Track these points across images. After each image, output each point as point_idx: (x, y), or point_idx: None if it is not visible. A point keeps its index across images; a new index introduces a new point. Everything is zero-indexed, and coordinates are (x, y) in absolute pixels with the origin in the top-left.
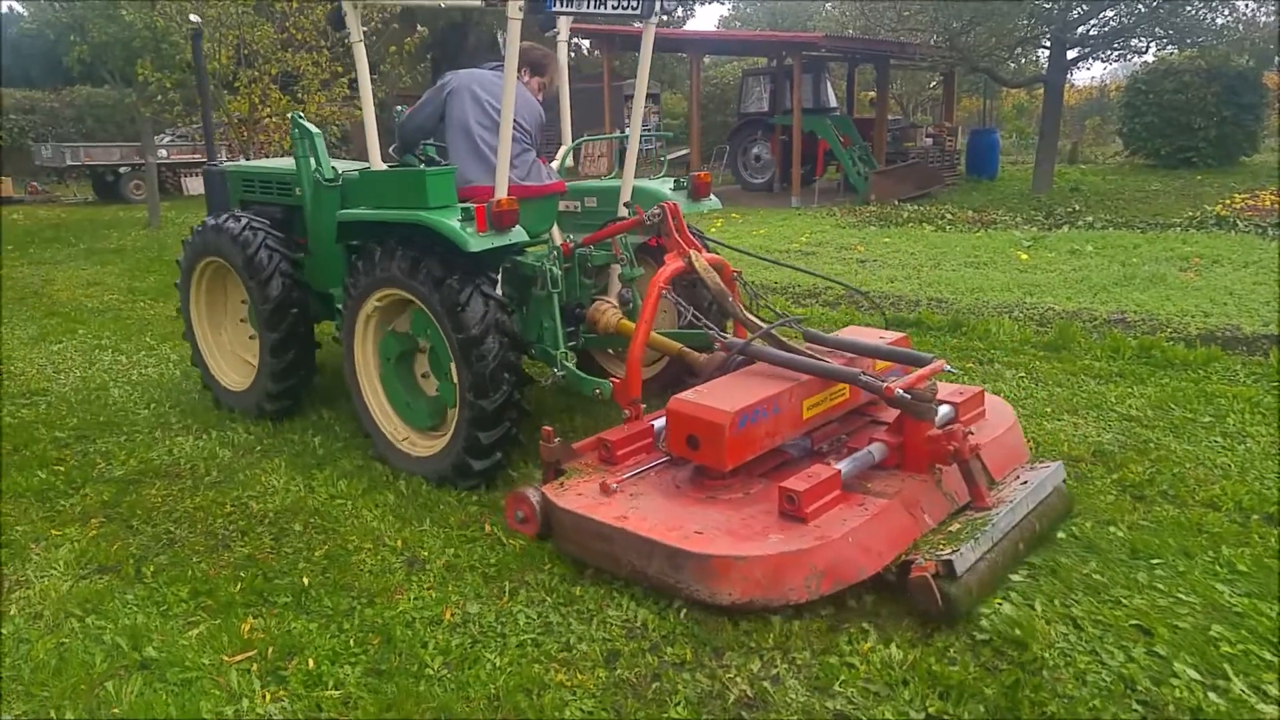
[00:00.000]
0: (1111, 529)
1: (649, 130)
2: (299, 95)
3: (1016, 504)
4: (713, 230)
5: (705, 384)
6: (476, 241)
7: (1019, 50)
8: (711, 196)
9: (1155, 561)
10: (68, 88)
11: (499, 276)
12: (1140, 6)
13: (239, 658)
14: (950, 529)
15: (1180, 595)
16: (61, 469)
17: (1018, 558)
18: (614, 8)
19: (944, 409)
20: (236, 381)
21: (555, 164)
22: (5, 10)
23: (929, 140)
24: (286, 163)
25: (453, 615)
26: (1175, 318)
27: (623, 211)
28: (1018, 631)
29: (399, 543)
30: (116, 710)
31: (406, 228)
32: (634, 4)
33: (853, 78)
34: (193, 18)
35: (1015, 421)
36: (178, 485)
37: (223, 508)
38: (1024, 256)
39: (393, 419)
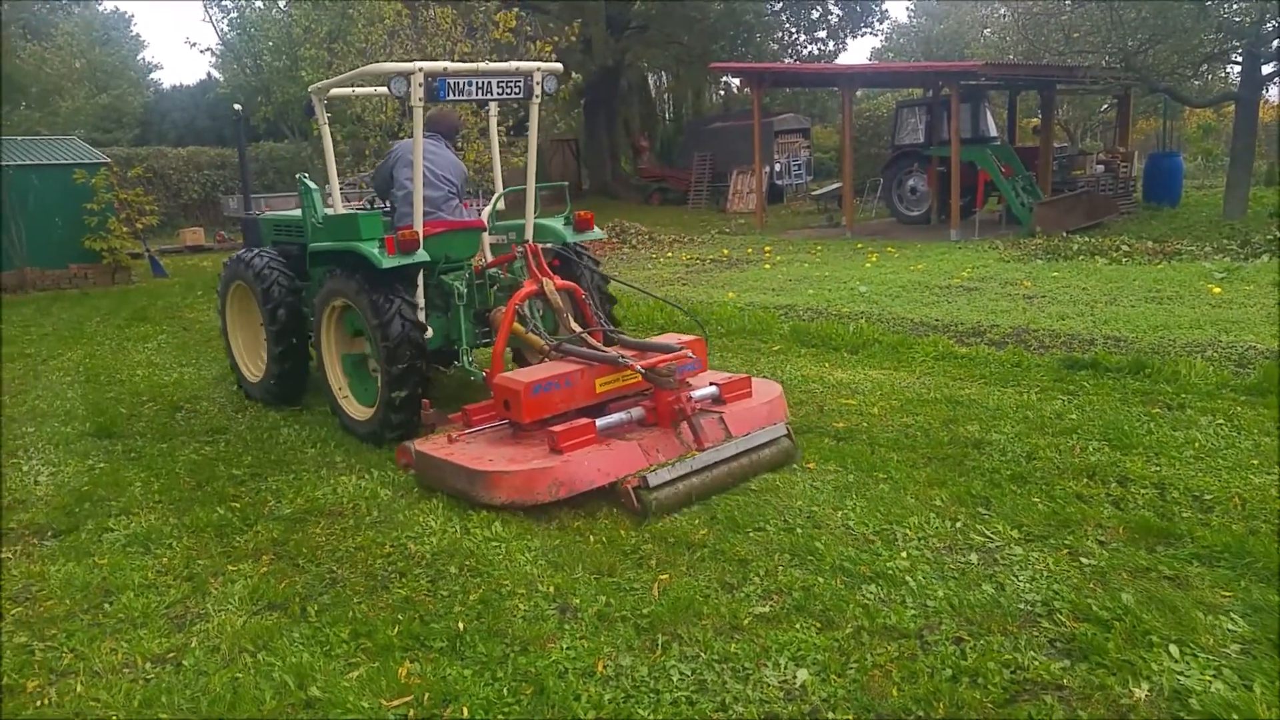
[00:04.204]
0: None
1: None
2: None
3: (722, 447)
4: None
5: (527, 368)
6: (387, 261)
7: (1204, 67)
8: (595, 229)
9: None
10: (254, 144)
11: (420, 289)
12: None
13: (397, 703)
14: (669, 462)
15: None
16: (237, 505)
17: (717, 484)
18: (500, 93)
19: (710, 388)
20: (254, 374)
21: (487, 209)
22: (204, 76)
23: (1100, 167)
24: (299, 212)
25: (605, 667)
26: None
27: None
28: (1234, 717)
29: (551, 589)
30: None
31: (352, 255)
32: (516, 89)
33: (1014, 105)
34: (236, 106)
35: (776, 398)
36: (340, 524)
37: (382, 548)
38: (1216, 290)
39: (346, 391)
